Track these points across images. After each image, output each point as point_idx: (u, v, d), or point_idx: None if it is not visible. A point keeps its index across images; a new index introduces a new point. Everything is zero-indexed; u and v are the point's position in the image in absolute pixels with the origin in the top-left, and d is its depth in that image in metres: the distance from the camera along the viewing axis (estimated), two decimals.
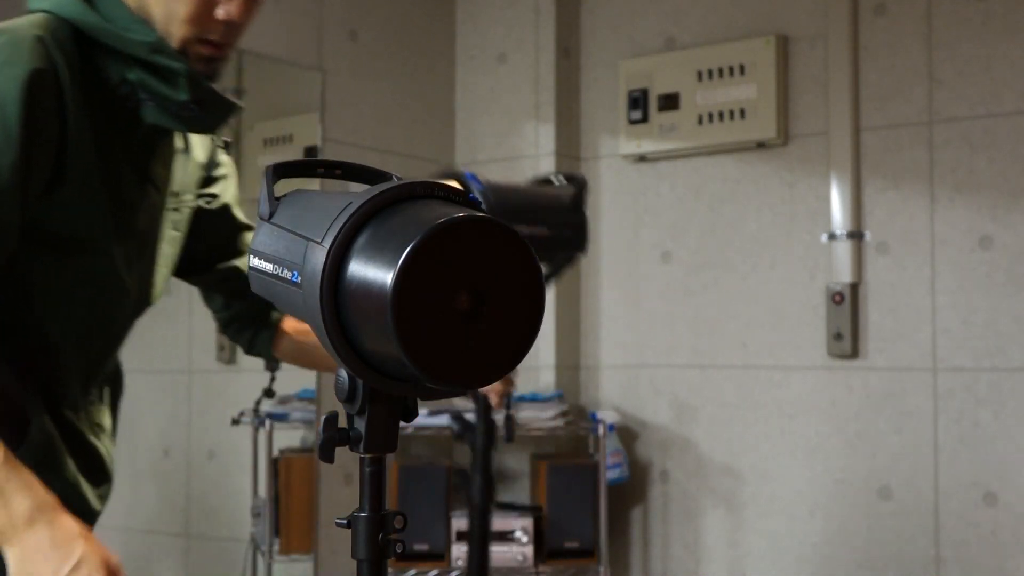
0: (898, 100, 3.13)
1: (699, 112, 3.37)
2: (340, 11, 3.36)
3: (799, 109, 3.27)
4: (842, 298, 3.13)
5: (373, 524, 0.95)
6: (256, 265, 0.98)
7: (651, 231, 3.52)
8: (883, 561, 3.09)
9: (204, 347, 3.27)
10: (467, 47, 3.73)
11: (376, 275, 0.85)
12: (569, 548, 3.17)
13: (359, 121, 3.40)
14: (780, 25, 3.31)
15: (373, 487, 0.96)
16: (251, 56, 3.21)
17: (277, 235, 0.96)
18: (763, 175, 3.33)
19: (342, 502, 3.25)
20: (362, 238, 0.88)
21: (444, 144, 3.70)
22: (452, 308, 0.86)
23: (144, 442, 3.25)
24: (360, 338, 0.88)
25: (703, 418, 3.40)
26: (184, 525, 3.27)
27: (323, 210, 0.91)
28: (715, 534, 3.37)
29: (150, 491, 3.25)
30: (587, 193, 2.17)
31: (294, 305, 0.93)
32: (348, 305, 0.88)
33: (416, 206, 0.90)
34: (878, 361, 3.12)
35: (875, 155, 3.16)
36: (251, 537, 3.21)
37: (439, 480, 3.17)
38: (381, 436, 0.94)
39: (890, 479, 3.08)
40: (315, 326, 0.90)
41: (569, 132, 3.62)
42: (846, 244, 3.15)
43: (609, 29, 3.62)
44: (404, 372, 0.87)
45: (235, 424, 3.20)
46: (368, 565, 0.95)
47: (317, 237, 0.89)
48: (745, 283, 3.34)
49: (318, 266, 0.88)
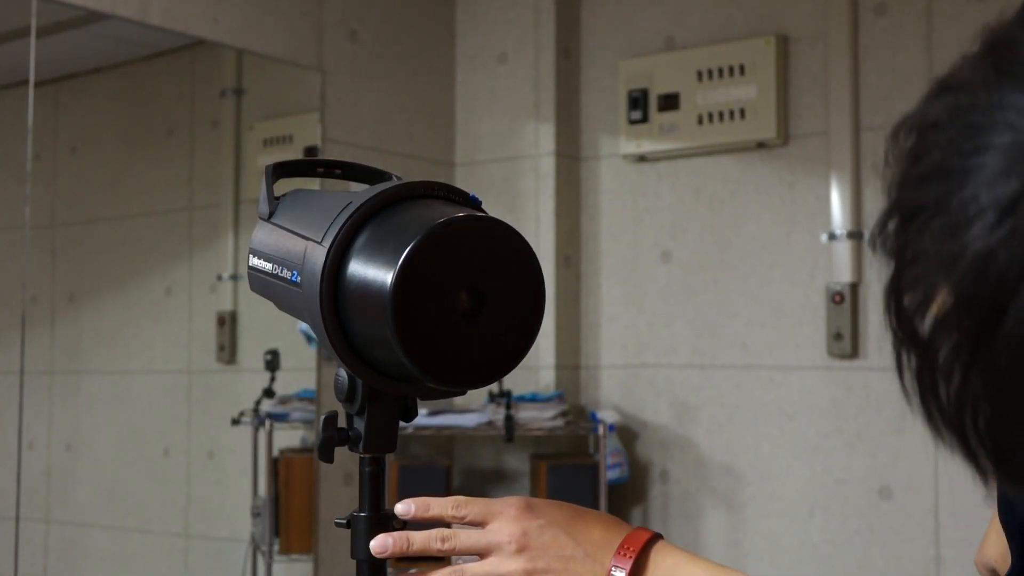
0: (898, 100, 3.13)
1: (699, 112, 3.37)
2: (340, 11, 3.36)
3: (799, 109, 3.27)
4: (842, 298, 3.13)
5: (373, 524, 0.95)
6: (255, 265, 0.98)
7: (651, 231, 3.52)
8: (883, 561, 3.09)
9: (204, 347, 3.27)
10: (467, 47, 3.73)
11: (376, 275, 0.85)
12: None
13: (359, 121, 3.40)
14: (780, 25, 3.31)
15: (373, 487, 0.96)
16: (251, 56, 3.21)
17: (277, 235, 0.96)
18: (763, 175, 3.32)
19: (342, 502, 3.25)
20: (362, 238, 0.88)
21: (444, 144, 3.70)
22: (452, 308, 0.86)
23: (144, 442, 3.25)
24: (360, 338, 0.88)
25: (703, 418, 3.40)
26: (184, 525, 3.27)
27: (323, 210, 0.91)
28: (715, 534, 3.37)
29: (150, 491, 3.25)
30: None
31: (293, 305, 0.93)
32: (348, 305, 0.88)
33: (416, 206, 0.90)
34: (878, 361, 3.11)
35: (875, 155, 3.15)
36: (251, 537, 3.21)
37: (439, 480, 3.17)
38: (381, 436, 0.94)
39: (890, 479, 3.08)
40: (315, 326, 0.90)
41: (569, 132, 3.62)
42: (846, 244, 3.15)
43: (609, 29, 3.62)
44: (404, 372, 0.87)
45: (235, 424, 3.20)
46: (368, 565, 0.95)
47: (317, 237, 0.89)
48: (745, 283, 3.34)
49: (318, 266, 0.88)
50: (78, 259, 3.19)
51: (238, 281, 3.24)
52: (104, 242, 3.25)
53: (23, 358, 2.72)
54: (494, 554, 0.95)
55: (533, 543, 0.94)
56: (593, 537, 0.96)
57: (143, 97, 3.32)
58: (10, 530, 2.66)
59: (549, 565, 0.94)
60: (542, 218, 3.54)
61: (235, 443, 3.25)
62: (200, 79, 3.35)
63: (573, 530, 0.96)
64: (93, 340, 3.21)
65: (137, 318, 3.26)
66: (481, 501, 0.97)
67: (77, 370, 3.18)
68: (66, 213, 3.16)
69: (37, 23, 2.68)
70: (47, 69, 2.81)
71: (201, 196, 3.34)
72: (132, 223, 3.28)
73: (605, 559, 0.95)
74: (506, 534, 0.94)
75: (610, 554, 0.95)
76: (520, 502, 0.96)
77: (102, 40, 3.08)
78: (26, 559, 2.73)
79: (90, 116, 3.24)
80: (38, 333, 3.01)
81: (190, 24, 2.98)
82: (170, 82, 3.33)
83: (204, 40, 3.05)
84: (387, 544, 0.94)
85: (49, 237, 3.07)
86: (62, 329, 3.14)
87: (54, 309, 3.13)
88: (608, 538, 0.96)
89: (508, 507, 0.96)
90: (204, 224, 3.33)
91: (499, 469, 3.62)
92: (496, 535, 0.95)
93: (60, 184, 3.12)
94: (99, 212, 3.26)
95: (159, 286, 3.28)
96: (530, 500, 0.97)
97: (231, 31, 3.07)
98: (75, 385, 3.17)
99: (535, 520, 0.95)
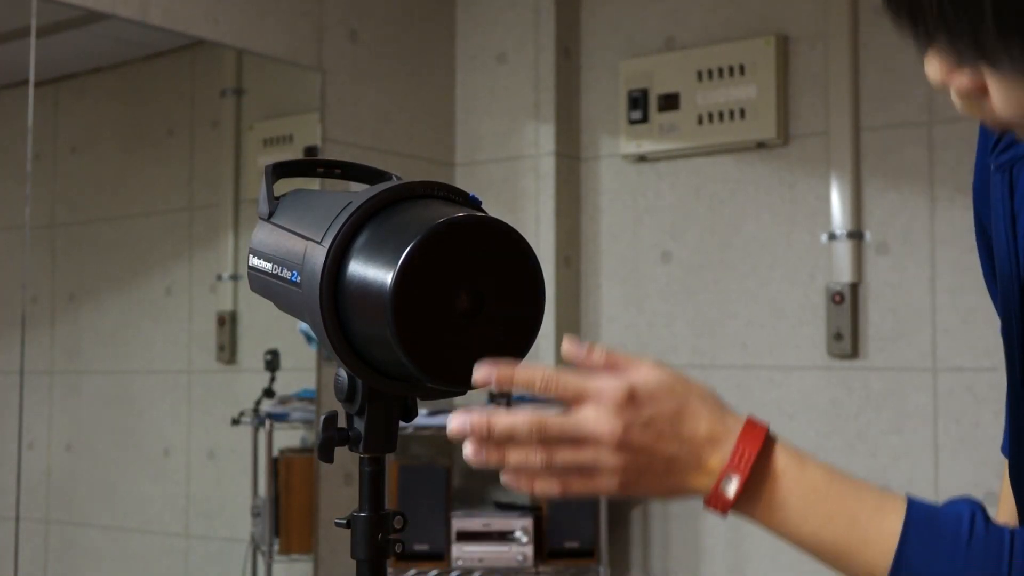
0: (898, 100, 3.13)
1: (699, 112, 3.37)
2: (340, 11, 3.36)
3: (799, 109, 3.27)
4: (842, 298, 3.13)
5: (372, 524, 0.95)
6: (255, 264, 0.98)
7: (651, 231, 3.52)
8: None
9: (204, 347, 3.27)
10: (467, 47, 3.73)
11: (376, 275, 0.85)
12: (569, 548, 3.17)
13: (359, 121, 3.40)
14: (780, 25, 3.31)
15: (372, 487, 0.96)
16: (251, 56, 3.21)
17: (277, 235, 0.96)
18: (763, 175, 3.32)
19: (342, 502, 3.25)
20: (362, 238, 0.88)
21: (444, 144, 3.70)
22: (452, 308, 0.86)
23: (144, 442, 3.25)
24: (360, 338, 0.88)
25: None
26: (184, 525, 3.27)
27: (323, 210, 0.91)
28: (715, 534, 3.36)
29: (150, 491, 3.25)
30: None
31: (293, 305, 0.93)
32: (347, 305, 0.88)
33: (416, 206, 0.90)
34: (878, 361, 3.11)
35: (875, 155, 3.15)
36: (251, 537, 3.21)
37: (439, 480, 3.17)
38: (381, 436, 0.94)
39: (890, 479, 3.08)
40: (315, 326, 0.90)
41: (569, 132, 3.62)
42: (846, 244, 3.15)
43: (609, 29, 3.62)
44: (404, 372, 0.87)
45: (235, 424, 3.20)
46: (367, 565, 0.95)
47: (317, 237, 0.89)
48: (745, 283, 3.34)
49: (318, 266, 0.88)
50: (78, 259, 3.19)
51: (238, 281, 3.24)
52: (104, 242, 3.25)
53: (23, 358, 2.72)
54: (590, 445, 0.85)
55: (635, 440, 0.85)
56: (699, 434, 0.86)
57: (143, 97, 3.32)
58: (10, 530, 2.66)
59: (651, 464, 0.86)
60: (542, 218, 3.54)
61: (235, 443, 3.25)
62: (200, 79, 3.35)
63: (679, 425, 0.86)
64: (93, 340, 3.21)
65: (137, 318, 3.26)
66: (576, 382, 0.86)
67: (77, 370, 3.18)
68: (66, 213, 3.16)
69: (37, 23, 2.67)
70: (47, 69, 2.81)
71: (201, 196, 3.34)
72: (132, 223, 3.28)
73: (713, 461, 0.86)
74: (606, 427, 0.84)
75: (718, 455, 0.86)
76: (622, 389, 0.85)
77: (102, 40, 3.08)
78: (26, 559, 2.73)
79: (90, 116, 3.24)
80: (38, 333, 3.01)
81: (190, 24, 2.98)
82: (170, 82, 3.33)
83: (204, 40, 3.05)
84: (465, 424, 0.85)
85: (49, 237, 3.07)
86: (62, 329, 3.14)
87: (54, 309, 3.13)
88: (715, 435, 0.86)
89: (608, 393, 0.85)
90: (204, 224, 3.33)
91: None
92: (594, 426, 0.84)
93: (60, 184, 3.12)
94: (99, 212, 3.26)
95: (159, 286, 3.28)
96: (632, 385, 0.85)
97: (231, 31, 3.07)
98: (75, 385, 3.17)
99: (639, 414, 0.85)
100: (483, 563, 3.10)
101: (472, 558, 3.09)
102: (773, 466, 0.87)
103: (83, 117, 3.21)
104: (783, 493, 0.87)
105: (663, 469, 0.86)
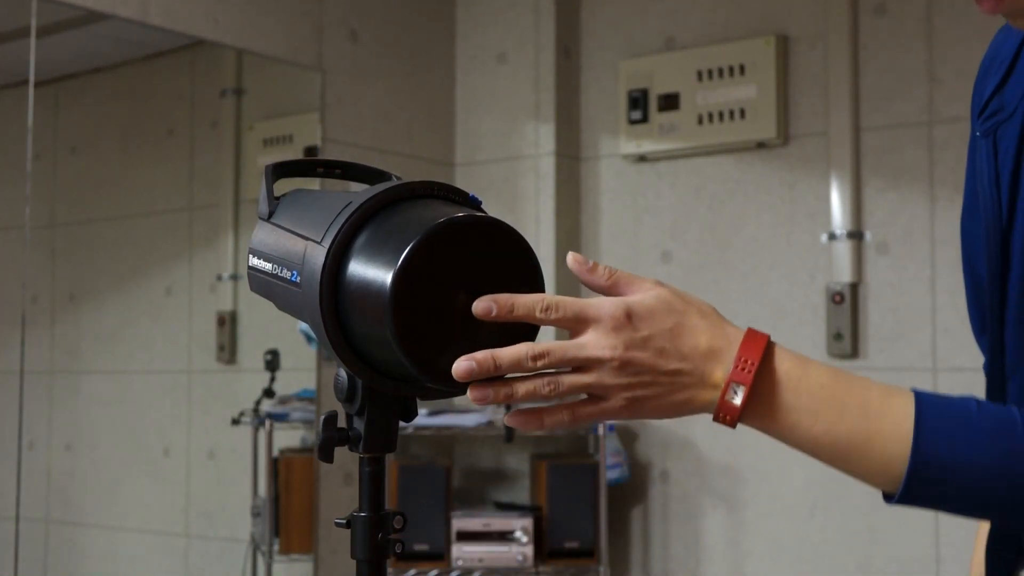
0: (898, 100, 3.13)
1: (699, 112, 3.37)
2: (340, 11, 3.36)
3: (799, 109, 3.27)
4: (842, 298, 3.13)
5: (372, 524, 0.95)
6: (255, 264, 0.98)
7: (651, 231, 3.52)
8: (883, 561, 3.09)
9: (204, 347, 3.27)
10: (467, 47, 3.73)
11: (376, 275, 0.85)
12: (569, 548, 3.17)
13: (359, 121, 3.40)
14: (780, 25, 3.31)
15: (372, 487, 0.96)
16: (251, 56, 3.21)
17: (276, 235, 0.96)
18: (763, 175, 3.32)
19: (342, 502, 3.25)
20: (362, 238, 0.88)
21: (444, 144, 3.70)
22: (452, 308, 0.86)
23: (144, 442, 3.25)
24: (360, 338, 0.88)
25: (703, 418, 3.39)
26: (184, 525, 3.27)
27: (323, 210, 0.91)
28: (715, 534, 3.36)
29: (150, 491, 3.25)
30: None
31: (293, 305, 0.93)
32: (347, 305, 0.87)
33: (416, 206, 0.90)
34: (878, 361, 3.11)
35: (875, 155, 3.15)
36: (251, 537, 3.21)
37: (439, 480, 3.17)
38: (380, 436, 0.94)
39: None
40: (315, 326, 0.90)
41: (569, 132, 3.62)
42: (846, 244, 3.15)
43: (609, 29, 3.62)
44: (404, 372, 0.87)
45: (235, 424, 3.20)
46: (367, 565, 0.95)
47: (317, 237, 0.89)
48: (745, 283, 3.34)
49: (317, 266, 0.88)
50: (78, 259, 3.19)
51: (238, 281, 3.24)
52: (104, 242, 3.25)
53: (23, 358, 2.72)
54: (593, 368, 0.85)
55: (636, 359, 0.85)
56: (700, 349, 0.87)
57: (143, 97, 3.32)
58: (10, 530, 2.66)
59: (655, 380, 0.86)
60: (542, 218, 3.54)
61: (235, 443, 3.25)
62: (200, 79, 3.35)
63: (679, 341, 0.86)
64: (93, 340, 3.21)
65: (137, 318, 3.26)
66: (574, 303, 0.86)
67: (77, 370, 3.18)
68: (66, 213, 3.16)
69: (37, 23, 2.68)
70: (47, 69, 2.81)
71: (201, 196, 3.34)
72: (132, 223, 3.28)
73: (717, 374, 0.87)
74: (606, 348, 0.85)
75: (721, 367, 0.87)
76: (619, 309, 0.85)
77: (102, 40, 3.08)
78: (26, 559, 2.73)
79: (90, 116, 3.24)
80: (38, 333, 3.01)
81: (190, 24, 2.98)
82: (170, 82, 3.33)
83: (204, 40, 3.05)
84: (472, 367, 0.83)
85: (49, 237, 3.07)
86: (62, 329, 3.14)
87: (54, 309, 3.13)
88: (716, 348, 0.87)
89: (606, 314, 0.85)
90: (204, 224, 3.33)
91: (499, 469, 3.62)
92: (594, 348, 0.85)
93: (60, 184, 3.12)
94: (99, 212, 3.26)
95: (159, 286, 3.28)
96: (629, 304, 0.86)
97: (231, 31, 3.07)
98: (75, 385, 3.17)
99: (638, 332, 0.85)
100: (483, 563, 3.10)
101: (472, 558, 3.10)
102: (777, 371, 0.89)
103: (83, 117, 3.21)
104: (791, 396, 0.89)
105: (668, 386, 0.86)
